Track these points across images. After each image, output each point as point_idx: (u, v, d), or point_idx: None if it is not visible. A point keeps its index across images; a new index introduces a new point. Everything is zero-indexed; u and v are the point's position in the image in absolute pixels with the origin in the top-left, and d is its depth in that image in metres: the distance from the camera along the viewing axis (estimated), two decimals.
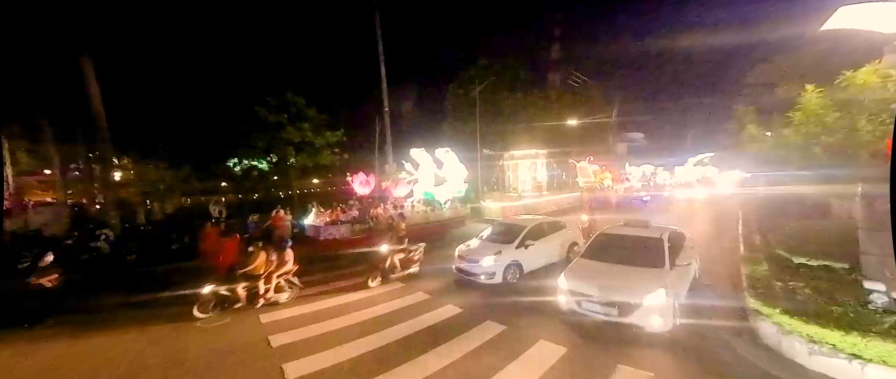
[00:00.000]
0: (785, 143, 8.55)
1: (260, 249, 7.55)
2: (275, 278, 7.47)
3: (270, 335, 6.08)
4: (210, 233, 11.76)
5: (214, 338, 6.10)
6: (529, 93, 30.94)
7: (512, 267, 8.19)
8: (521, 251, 8.44)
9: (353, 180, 13.50)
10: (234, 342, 5.91)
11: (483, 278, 7.99)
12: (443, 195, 15.89)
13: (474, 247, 8.87)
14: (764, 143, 9.40)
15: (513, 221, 9.85)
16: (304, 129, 19.79)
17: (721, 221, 15.26)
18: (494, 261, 8.04)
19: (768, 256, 7.79)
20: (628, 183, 36.32)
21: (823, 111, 7.23)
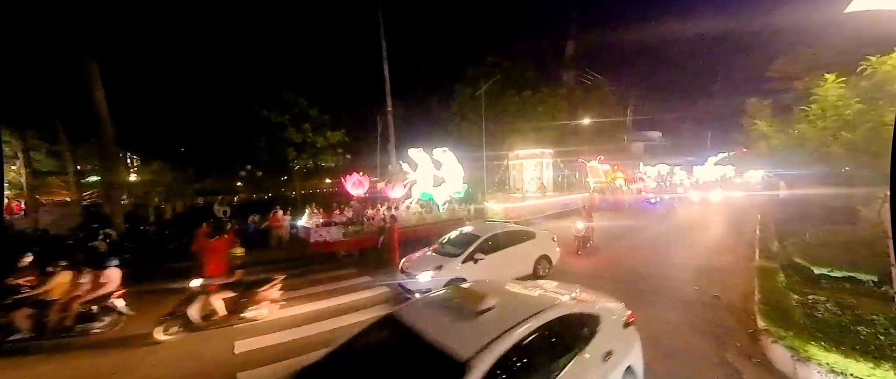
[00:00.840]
0: (799, 141, 7.59)
1: (62, 270, 6.46)
2: (79, 305, 6.10)
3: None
4: (200, 233, 11.77)
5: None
6: (538, 91, 30.07)
7: (453, 284, 6.86)
8: (469, 266, 7.25)
9: (346, 181, 13.17)
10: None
11: (417, 297, 6.91)
12: (441, 196, 15.40)
13: (415, 258, 7.89)
14: (774, 141, 8.37)
15: (472, 230, 8.55)
16: (305, 130, 19.65)
17: (735, 226, 14.13)
18: (431, 277, 6.92)
19: (785, 265, 6.99)
20: (642, 183, 35.01)
21: (842, 103, 6.35)
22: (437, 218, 14.01)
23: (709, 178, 41.14)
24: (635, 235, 13.56)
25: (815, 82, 6.78)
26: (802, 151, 7.37)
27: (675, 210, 18.85)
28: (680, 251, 10.67)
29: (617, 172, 28.00)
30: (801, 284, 6.15)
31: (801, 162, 8.12)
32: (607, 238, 12.60)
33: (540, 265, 8.28)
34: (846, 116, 6.34)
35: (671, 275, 8.40)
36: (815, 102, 6.82)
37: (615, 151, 36.91)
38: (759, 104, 8.69)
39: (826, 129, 6.57)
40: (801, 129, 7.31)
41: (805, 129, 7.15)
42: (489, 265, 7.44)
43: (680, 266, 9.09)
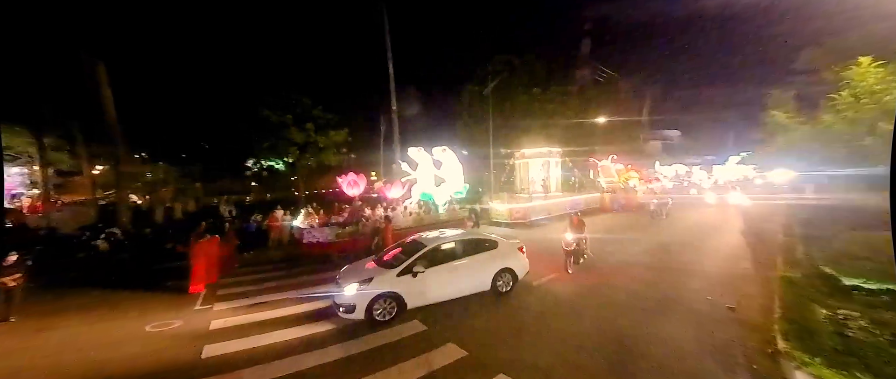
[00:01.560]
0: (823, 134, 6.54)
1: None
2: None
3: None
4: (197, 234, 11.70)
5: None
6: (548, 88, 29.23)
7: (384, 300, 6.17)
8: (406, 280, 6.37)
9: (341, 181, 12.83)
10: None
11: (341, 312, 6.16)
12: (441, 196, 14.92)
13: (351, 269, 7.21)
14: (794, 134, 7.24)
15: (426, 236, 7.62)
16: (308, 130, 19.48)
17: (753, 234, 12.30)
18: (356, 291, 6.12)
19: (810, 274, 6.20)
20: (658, 183, 33.70)
21: (882, 88, 5.42)
22: (435, 219, 13.54)
23: (730, 178, 39.26)
24: (642, 240, 12.63)
25: (847, 67, 5.85)
26: (829, 147, 6.33)
27: (679, 217, 16.59)
28: (693, 258, 9.87)
29: (630, 172, 26.91)
30: (829, 297, 5.39)
31: (826, 159, 7.09)
32: (610, 246, 11.78)
33: (500, 279, 7.21)
34: (888, 104, 5.41)
35: (682, 283, 7.67)
36: (846, 89, 5.89)
37: (631, 151, 35.62)
38: (781, 95, 7.59)
39: (856, 121, 5.59)
40: (827, 120, 6.25)
41: (833, 120, 6.12)
42: (432, 280, 6.56)
43: (692, 274, 8.33)
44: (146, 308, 7.36)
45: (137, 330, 6.32)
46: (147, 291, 8.45)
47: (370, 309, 6.07)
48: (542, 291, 7.64)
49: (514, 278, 7.41)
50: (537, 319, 6.17)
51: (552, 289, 7.75)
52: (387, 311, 6.21)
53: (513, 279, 7.40)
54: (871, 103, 5.45)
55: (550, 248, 11.82)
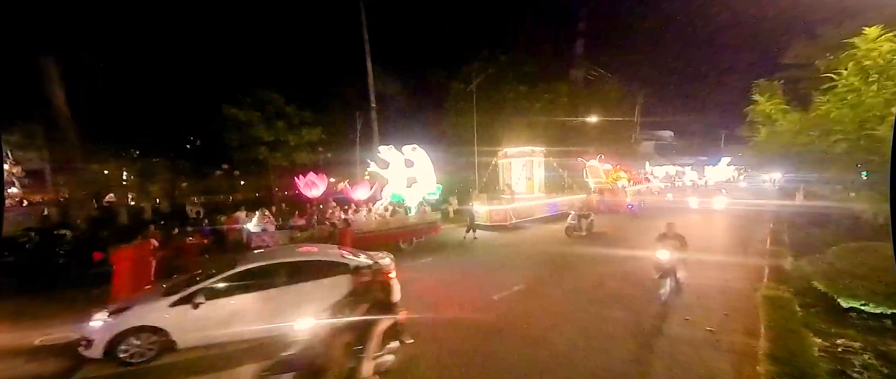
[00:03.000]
0: (817, 124, 5.52)
1: None
2: None
3: None
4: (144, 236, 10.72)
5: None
6: (535, 86, 28.41)
7: (140, 336, 4.86)
8: (182, 311, 4.94)
9: (299, 182, 11.82)
10: None
11: (82, 346, 4.84)
12: (413, 197, 13.94)
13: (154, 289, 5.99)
14: (783, 124, 6.18)
15: (251, 255, 6.44)
16: (277, 128, 18.45)
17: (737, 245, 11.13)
18: (104, 320, 4.90)
19: (801, 290, 5.31)
20: (649, 184, 33.02)
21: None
22: (403, 222, 12.54)
23: (721, 178, 38.72)
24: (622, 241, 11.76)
25: (850, 43, 4.87)
26: (824, 140, 5.31)
27: (581, 229, 13.40)
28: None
29: (619, 172, 26.09)
30: (824, 321, 4.51)
31: (819, 160, 6.05)
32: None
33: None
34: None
35: (655, 299, 6.75)
36: (849, 64, 4.88)
37: (622, 151, 34.91)
38: (768, 84, 6.59)
39: (860, 106, 4.55)
40: (823, 110, 5.22)
41: (828, 110, 5.13)
42: (227, 312, 5.09)
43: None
44: (54, 318, 6.43)
45: (25, 342, 5.60)
46: (65, 299, 7.63)
47: (113, 346, 4.68)
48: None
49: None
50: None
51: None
52: (143, 350, 4.83)
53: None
54: (886, 84, 4.38)
55: (517, 255, 11.01)
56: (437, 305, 6.99)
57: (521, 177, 19.72)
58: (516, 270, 9.41)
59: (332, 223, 10.34)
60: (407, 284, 8.66)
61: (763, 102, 6.22)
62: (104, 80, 20.00)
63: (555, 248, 12.02)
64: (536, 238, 14.01)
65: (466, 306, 6.83)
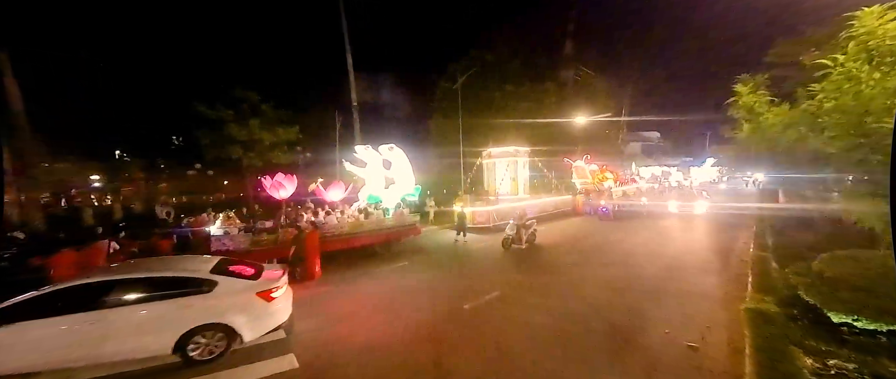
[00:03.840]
0: (808, 118, 5.04)
1: None
2: None
3: None
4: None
5: None
6: (521, 85, 28.06)
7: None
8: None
9: (266, 183, 11.11)
10: None
11: None
12: (392, 199, 13.35)
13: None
14: (768, 117, 5.67)
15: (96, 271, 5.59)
16: (251, 127, 17.64)
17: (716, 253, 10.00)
18: None
19: (787, 301, 4.92)
20: (635, 185, 32.97)
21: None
22: (378, 224, 11.94)
23: (705, 179, 38.99)
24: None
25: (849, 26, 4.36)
26: (818, 137, 4.84)
27: (520, 241, 11.92)
28: (651, 271, 8.60)
29: (605, 173, 25.90)
30: (813, 337, 4.11)
31: (811, 159, 5.59)
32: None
33: (204, 340, 4.87)
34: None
35: (635, 307, 6.33)
36: (842, 52, 4.42)
37: (608, 151, 34.83)
38: (751, 79, 6.15)
39: (862, 96, 3.93)
40: (817, 98, 4.70)
41: (826, 95, 4.57)
42: (34, 337, 4.33)
43: (649, 293, 7.03)
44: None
45: None
46: None
47: None
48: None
49: (230, 339, 4.98)
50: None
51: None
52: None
53: (227, 341, 4.97)
54: (888, 73, 3.85)
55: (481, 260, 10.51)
56: (395, 316, 6.44)
57: (505, 177, 19.27)
58: (494, 275, 8.95)
59: (297, 226, 9.67)
60: (371, 292, 8.01)
61: (745, 94, 5.78)
62: (72, 77, 18.98)
63: (534, 251, 11.60)
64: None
65: (427, 320, 6.28)
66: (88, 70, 19.78)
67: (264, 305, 5.23)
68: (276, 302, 5.34)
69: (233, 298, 5.11)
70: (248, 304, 5.16)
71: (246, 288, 5.26)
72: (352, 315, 6.72)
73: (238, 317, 5.02)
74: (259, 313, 5.20)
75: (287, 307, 5.65)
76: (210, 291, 5.02)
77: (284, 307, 5.56)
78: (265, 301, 5.24)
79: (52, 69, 19.15)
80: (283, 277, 5.68)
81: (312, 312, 6.96)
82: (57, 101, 19.25)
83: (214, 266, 5.47)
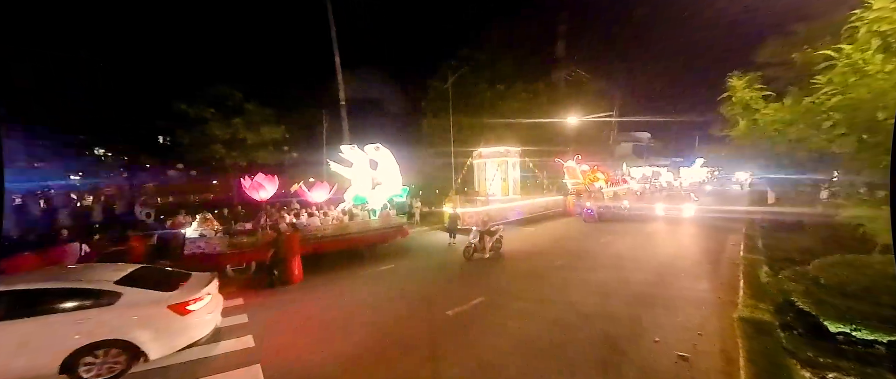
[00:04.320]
0: (809, 113, 4.69)
1: None
2: None
3: None
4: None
5: None
6: (513, 85, 27.87)
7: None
8: None
9: (245, 183, 10.67)
10: None
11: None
12: (378, 199, 12.99)
13: None
14: (765, 114, 5.33)
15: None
16: (234, 126, 17.11)
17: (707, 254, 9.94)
18: None
19: (781, 307, 4.70)
20: (626, 185, 33.02)
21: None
22: (364, 226, 11.58)
23: (695, 179, 39.26)
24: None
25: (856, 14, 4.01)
26: (825, 136, 4.44)
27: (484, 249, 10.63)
28: (639, 276, 8.40)
29: (596, 173, 25.82)
30: (810, 347, 3.90)
31: (816, 160, 5.27)
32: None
33: (99, 360, 4.38)
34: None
35: (623, 314, 6.09)
36: (863, 29, 3.97)
37: (599, 152, 34.86)
38: (743, 77, 5.89)
39: (874, 88, 3.54)
40: (824, 90, 4.26)
41: (831, 90, 4.14)
42: None
43: (637, 299, 6.80)
44: None
45: None
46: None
47: None
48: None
49: (131, 358, 4.49)
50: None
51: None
52: None
53: (127, 359, 4.48)
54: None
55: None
56: (375, 324, 6.10)
57: (495, 178, 19.02)
58: (480, 279, 8.66)
59: (276, 228, 9.27)
60: (352, 296, 7.64)
61: (740, 89, 5.51)
62: (50, 73, 18.25)
63: (522, 254, 11.34)
64: (508, 242, 13.29)
65: (409, 327, 5.96)
66: (68, 66, 19.04)
67: (177, 320, 4.70)
68: (193, 315, 4.84)
69: (138, 311, 4.60)
70: (157, 318, 4.65)
71: (155, 300, 4.74)
72: (328, 322, 6.37)
73: (142, 332, 4.51)
74: (170, 328, 4.70)
75: (210, 320, 5.18)
76: (111, 304, 4.49)
77: (206, 320, 5.08)
78: (178, 314, 4.71)
79: (28, 65, 18.38)
80: (208, 287, 5.23)
81: (287, 318, 6.62)
82: (33, 97, 18.50)
83: (125, 276, 4.97)
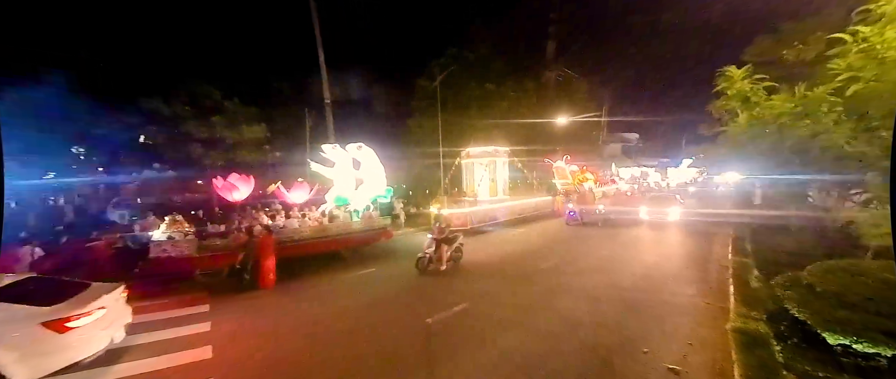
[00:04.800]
0: (815, 104, 4.23)
1: None
2: None
3: None
4: None
5: None
6: (502, 84, 27.63)
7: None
8: None
9: (218, 184, 10.12)
10: None
11: None
12: (361, 201, 12.53)
13: None
14: (760, 111, 4.92)
15: None
16: (213, 124, 16.44)
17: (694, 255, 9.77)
18: None
19: (774, 315, 4.44)
20: (615, 185, 33.09)
21: None
22: (345, 228, 11.12)
23: (683, 180, 39.59)
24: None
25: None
26: (840, 133, 3.99)
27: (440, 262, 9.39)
28: (628, 281, 8.14)
29: (586, 174, 25.69)
30: (808, 360, 3.63)
31: (836, 159, 4.59)
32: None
33: None
34: None
35: (610, 323, 5.78)
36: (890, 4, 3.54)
37: (589, 152, 34.84)
38: (742, 72, 5.57)
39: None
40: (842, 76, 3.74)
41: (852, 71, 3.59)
42: None
43: (624, 304, 6.52)
44: None
45: None
46: None
47: None
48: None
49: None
50: None
51: None
52: None
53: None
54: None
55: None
56: (348, 332, 5.69)
57: (484, 178, 18.69)
58: (463, 284, 8.28)
59: (248, 231, 8.76)
60: (327, 303, 7.08)
61: (739, 79, 5.16)
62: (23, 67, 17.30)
63: (508, 256, 11.02)
64: (495, 244, 13.00)
65: (385, 337, 5.55)
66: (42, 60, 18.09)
67: (52, 338, 4.15)
68: (75, 333, 4.27)
69: (1, 329, 4.05)
70: (26, 336, 4.11)
71: (27, 317, 4.18)
72: (296, 331, 5.94)
73: (4, 354, 3.97)
74: (43, 348, 4.14)
75: (103, 336, 4.60)
76: None
77: (95, 338, 4.50)
78: (56, 332, 4.17)
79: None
80: (102, 300, 4.70)
81: (254, 326, 6.18)
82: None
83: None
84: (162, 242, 8.81)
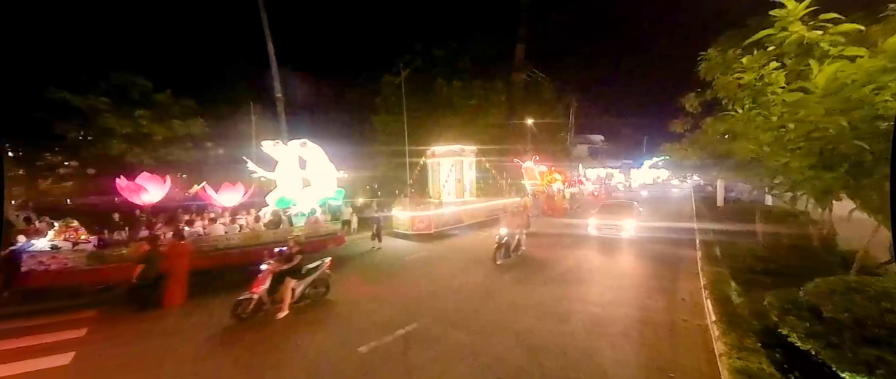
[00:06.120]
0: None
1: None
2: None
3: None
4: None
5: None
6: (471, 83, 26.87)
7: None
8: None
9: (122, 185, 8.35)
10: None
11: None
12: (307, 203, 11.06)
13: None
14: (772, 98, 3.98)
15: None
16: (137, 118, 14.26)
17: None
18: None
19: (762, 331, 3.62)
20: (582, 186, 33.30)
21: None
22: (282, 235, 9.62)
23: (645, 180, 40.69)
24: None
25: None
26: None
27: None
28: (592, 293, 7.34)
29: (553, 174, 25.36)
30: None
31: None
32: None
33: None
34: None
35: (578, 348, 4.85)
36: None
37: (557, 153, 34.86)
38: (730, 54, 4.81)
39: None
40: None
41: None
42: None
43: (593, 324, 5.65)
44: None
45: None
46: None
47: None
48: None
49: None
50: None
51: None
52: None
53: None
54: None
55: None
56: (253, 364, 4.37)
57: (449, 178, 17.65)
58: (416, 299, 7.09)
59: (152, 239, 7.14)
60: (241, 326, 5.41)
61: (748, 59, 4.09)
62: None
63: (478, 265, 9.97)
64: (459, 250, 11.92)
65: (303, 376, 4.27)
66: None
67: None
68: None
69: None
70: None
71: None
72: (186, 363, 4.54)
73: None
74: None
75: None
76: None
77: None
78: None
79: None
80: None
81: (133, 358, 4.74)
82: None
83: None
84: (41, 253, 7.00)
